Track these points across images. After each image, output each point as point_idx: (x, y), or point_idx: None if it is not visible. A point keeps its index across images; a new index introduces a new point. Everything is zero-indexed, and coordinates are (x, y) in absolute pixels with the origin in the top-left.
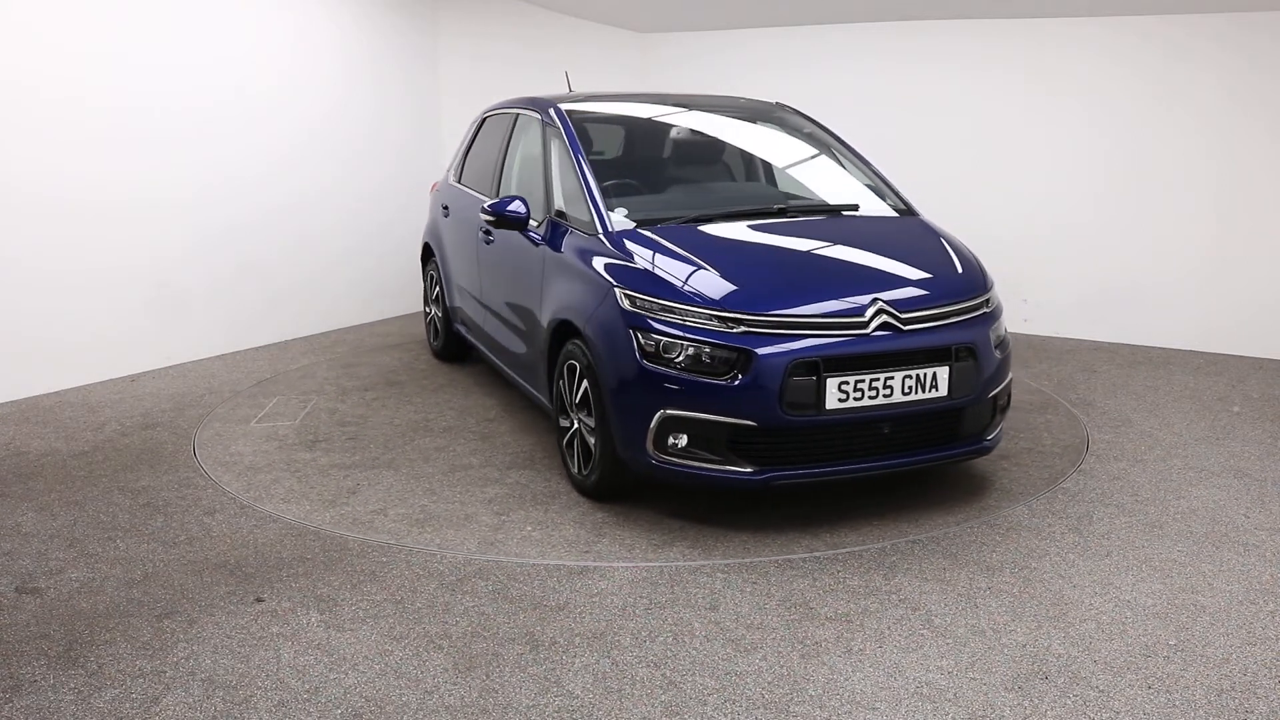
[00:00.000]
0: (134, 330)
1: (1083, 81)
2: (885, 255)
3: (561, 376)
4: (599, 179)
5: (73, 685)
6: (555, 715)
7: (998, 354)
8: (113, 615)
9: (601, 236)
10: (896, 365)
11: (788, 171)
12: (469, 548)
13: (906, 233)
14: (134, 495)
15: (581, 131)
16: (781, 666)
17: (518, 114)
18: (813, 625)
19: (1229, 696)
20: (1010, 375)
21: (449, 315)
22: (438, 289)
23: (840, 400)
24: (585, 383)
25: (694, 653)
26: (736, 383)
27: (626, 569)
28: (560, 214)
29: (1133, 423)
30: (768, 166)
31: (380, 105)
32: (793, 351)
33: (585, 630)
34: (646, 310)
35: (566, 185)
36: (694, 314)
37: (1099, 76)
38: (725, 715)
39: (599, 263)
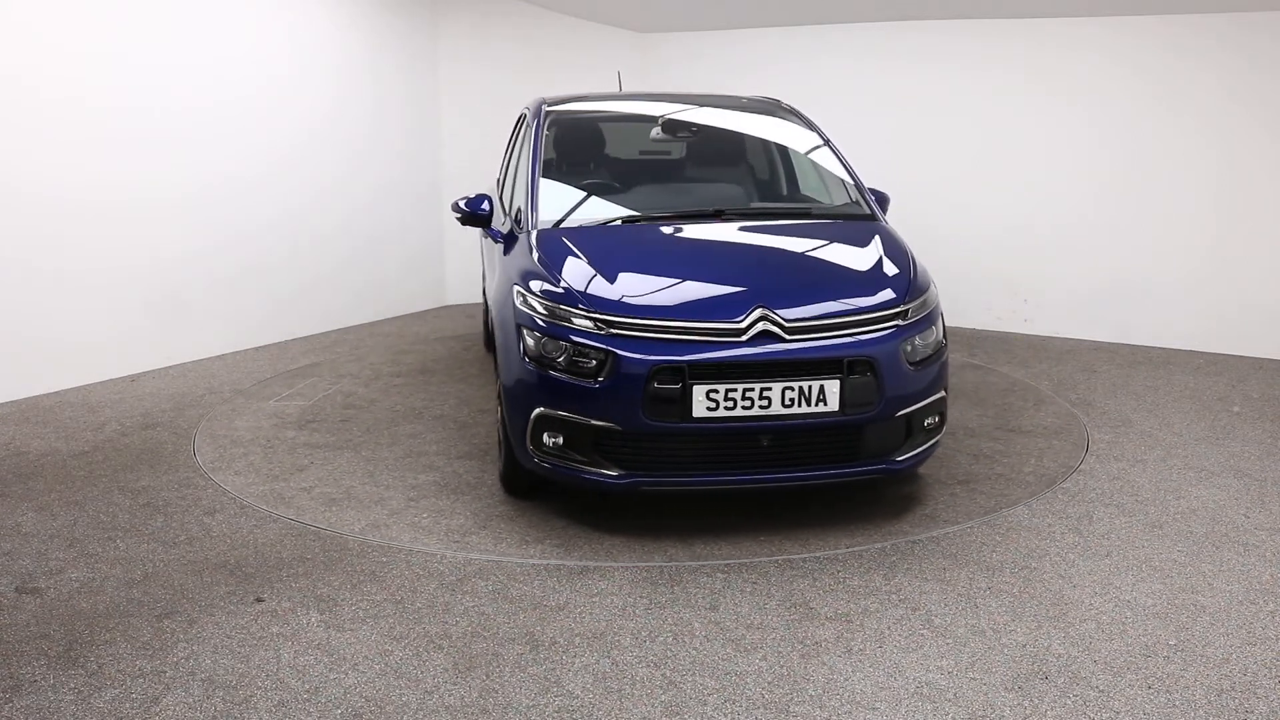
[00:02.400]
0: (134, 330)
1: (1083, 81)
2: (803, 261)
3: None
4: (547, 176)
5: (73, 685)
6: (555, 715)
7: (911, 369)
8: (113, 615)
9: (526, 235)
10: (776, 376)
11: (757, 172)
12: (356, 528)
13: (845, 238)
14: (134, 495)
15: (560, 130)
16: (781, 666)
17: (523, 113)
18: (813, 625)
19: (1229, 696)
20: (942, 394)
21: (487, 307)
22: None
23: (709, 409)
24: None
25: (694, 653)
26: (599, 385)
27: (626, 569)
28: (519, 211)
29: (1133, 423)
30: (739, 167)
31: (380, 105)
32: (657, 356)
33: (585, 630)
34: (533, 310)
35: (520, 182)
36: (572, 315)
37: (1099, 76)
38: (725, 715)
39: (514, 261)
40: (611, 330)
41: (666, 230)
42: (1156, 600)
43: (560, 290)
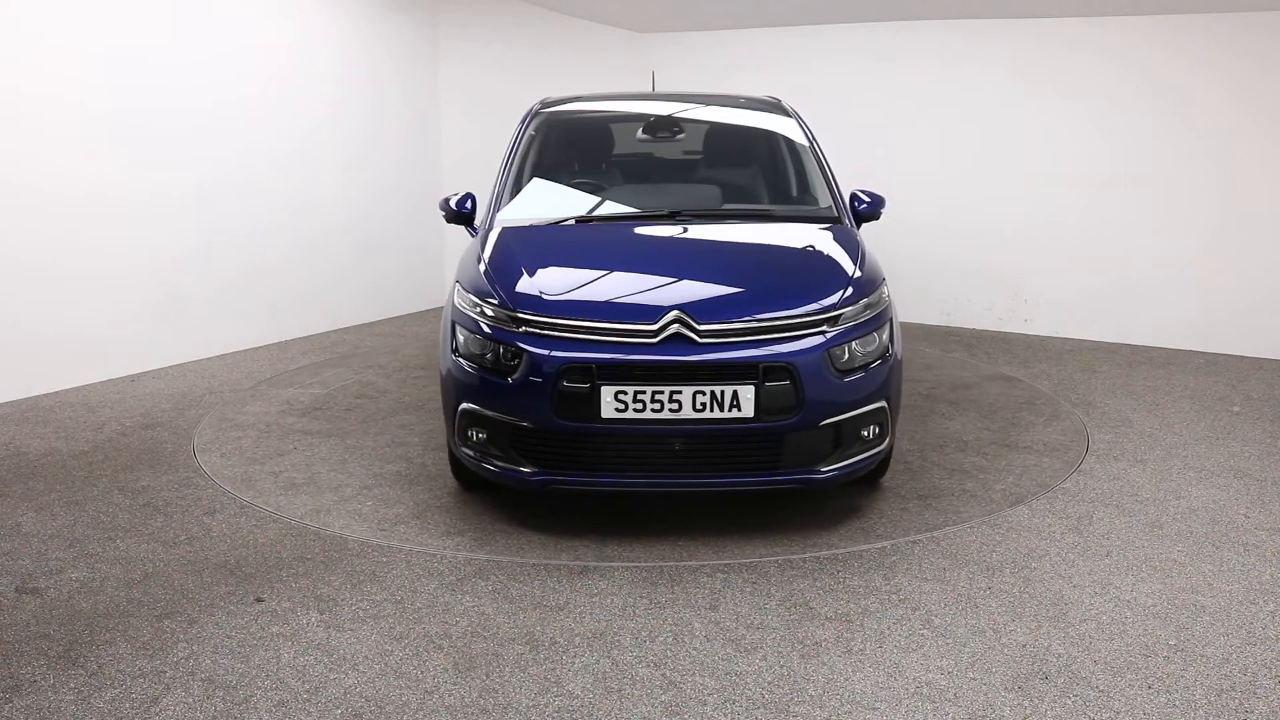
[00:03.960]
0: (134, 330)
1: (1083, 81)
2: (737, 265)
3: None
4: (525, 174)
5: (73, 685)
6: (555, 715)
7: (840, 377)
8: (113, 615)
9: (484, 232)
10: (686, 380)
11: (735, 174)
12: (299, 513)
13: (794, 242)
14: (134, 495)
15: (546, 130)
16: (781, 666)
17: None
18: (813, 625)
19: (1229, 696)
20: (881, 404)
21: None
22: None
23: (618, 410)
24: None
25: (694, 653)
26: (512, 383)
27: (626, 569)
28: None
29: (1133, 423)
30: (718, 168)
31: (380, 105)
32: (567, 356)
33: (585, 630)
34: (464, 306)
35: (496, 180)
36: (496, 312)
37: (1099, 76)
38: (725, 715)
39: (466, 257)
40: (527, 328)
41: (615, 231)
42: (1156, 600)
43: (488, 287)
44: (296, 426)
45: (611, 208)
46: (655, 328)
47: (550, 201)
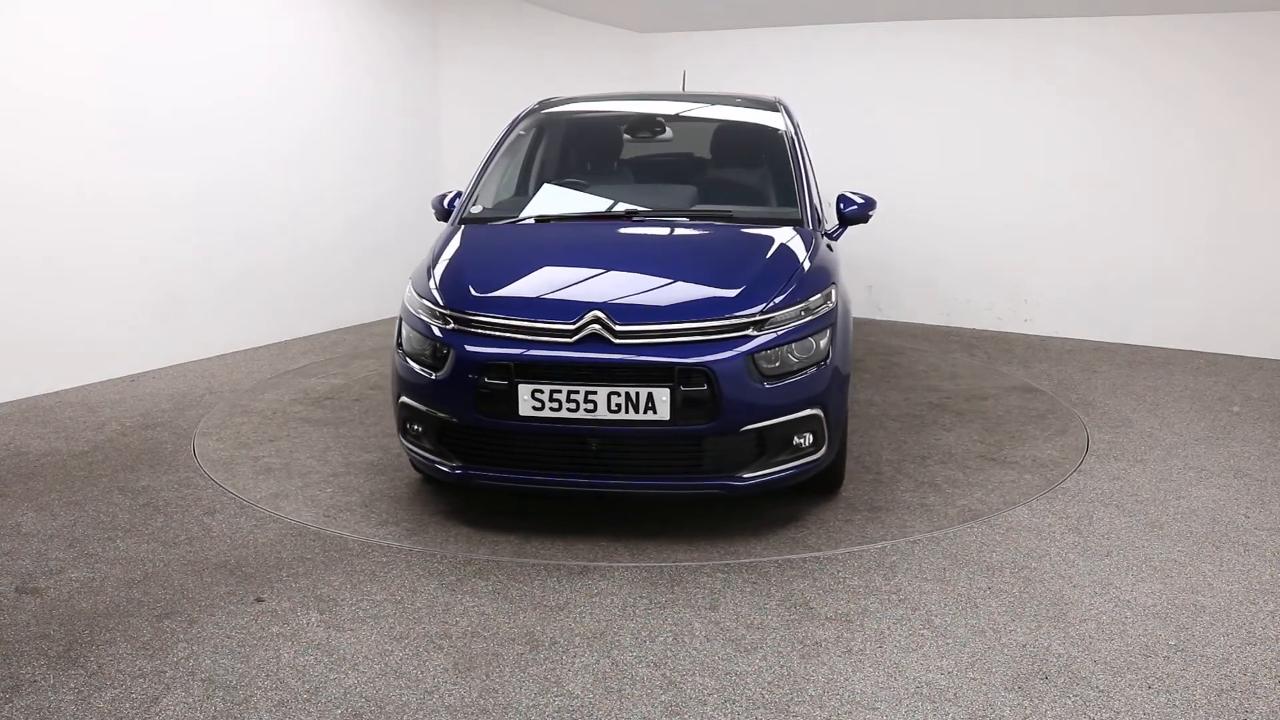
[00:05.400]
0: (134, 330)
1: (1083, 81)
2: (669, 267)
3: None
4: (502, 172)
5: (73, 685)
6: (555, 715)
7: (764, 383)
8: (113, 615)
9: (447, 229)
10: (602, 380)
11: (711, 175)
12: (258, 496)
13: (739, 245)
14: (134, 495)
15: (535, 129)
16: (781, 666)
17: None
18: (813, 625)
19: (1229, 696)
20: (814, 411)
21: None
22: None
23: (535, 408)
24: None
25: (694, 653)
26: (439, 378)
27: (626, 569)
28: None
29: (1133, 423)
30: (697, 169)
31: (380, 105)
32: (487, 353)
33: (585, 630)
34: (409, 303)
35: (471, 180)
36: (430, 308)
37: (1099, 76)
38: (725, 715)
39: (424, 257)
40: (455, 326)
41: (563, 232)
42: (1156, 600)
43: (427, 285)
44: (300, 414)
45: (573, 208)
46: (574, 327)
47: (515, 201)
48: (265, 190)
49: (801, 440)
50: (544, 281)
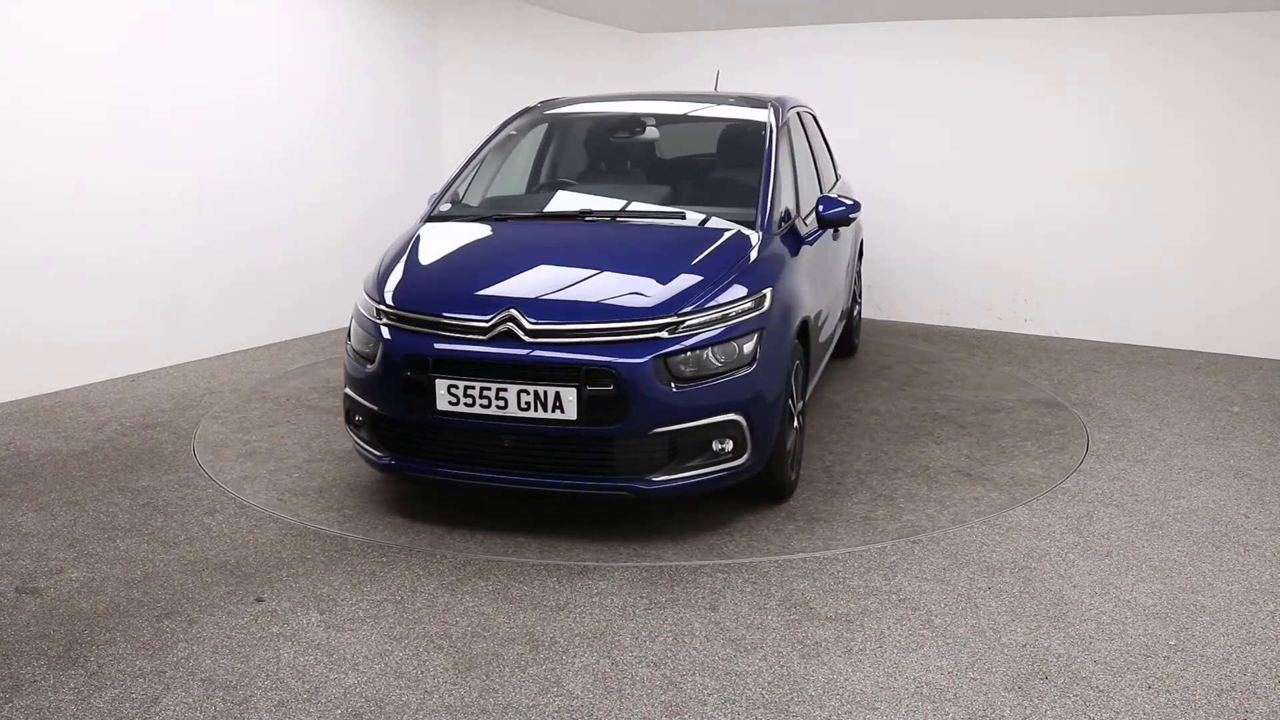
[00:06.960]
0: (134, 330)
1: (1083, 81)
2: (592, 266)
3: None
4: (487, 170)
5: (73, 685)
6: (555, 715)
7: (675, 386)
8: (113, 615)
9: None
10: (514, 377)
11: (685, 177)
12: (230, 478)
13: (671, 247)
14: (134, 495)
15: (526, 129)
16: (781, 666)
17: None
18: (813, 625)
19: (1229, 696)
20: (733, 417)
21: None
22: None
23: (450, 403)
24: None
25: (694, 653)
26: (370, 371)
27: (626, 569)
28: None
29: (1133, 423)
30: (678, 171)
31: (380, 105)
32: (408, 347)
33: (585, 630)
34: (359, 300)
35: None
36: (368, 303)
37: (1099, 76)
38: (725, 715)
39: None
40: (386, 320)
41: (508, 230)
42: (1156, 600)
43: (372, 280)
44: (310, 402)
45: (533, 208)
46: (488, 324)
47: (487, 201)
48: (265, 190)
49: (722, 446)
50: (471, 278)
